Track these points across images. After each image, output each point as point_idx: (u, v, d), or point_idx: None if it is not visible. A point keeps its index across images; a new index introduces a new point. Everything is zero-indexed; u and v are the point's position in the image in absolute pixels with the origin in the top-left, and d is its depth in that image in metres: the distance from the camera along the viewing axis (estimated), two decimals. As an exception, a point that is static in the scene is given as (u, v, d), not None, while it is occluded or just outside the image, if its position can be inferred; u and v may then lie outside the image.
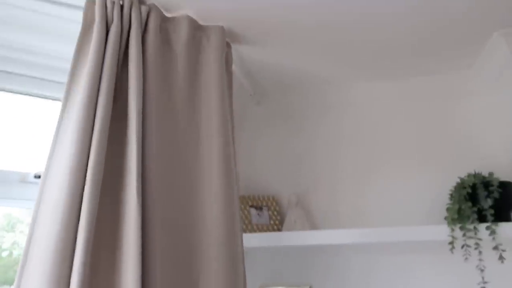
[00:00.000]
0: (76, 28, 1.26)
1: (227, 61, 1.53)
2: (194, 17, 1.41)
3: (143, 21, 1.30)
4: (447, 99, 1.91)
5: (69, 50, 1.27)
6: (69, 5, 1.30)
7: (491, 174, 1.55)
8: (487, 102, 1.82)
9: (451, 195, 1.61)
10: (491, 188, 1.48)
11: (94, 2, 1.25)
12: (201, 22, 1.44)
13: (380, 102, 2.01)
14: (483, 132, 1.81)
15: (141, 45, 1.26)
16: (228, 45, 1.55)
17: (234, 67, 1.67)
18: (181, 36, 1.38)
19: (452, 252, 1.45)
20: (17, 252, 1.47)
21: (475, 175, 1.57)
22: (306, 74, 1.91)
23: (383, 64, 1.80)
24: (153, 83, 1.27)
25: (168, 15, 1.40)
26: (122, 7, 1.27)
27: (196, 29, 1.43)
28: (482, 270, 1.45)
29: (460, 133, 1.85)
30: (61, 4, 1.29)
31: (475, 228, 1.43)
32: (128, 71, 1.23)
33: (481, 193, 1.50)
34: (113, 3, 1.25)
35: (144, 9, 1.30)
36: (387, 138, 1.95)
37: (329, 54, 1.69)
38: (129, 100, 1.20)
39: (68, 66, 1.24)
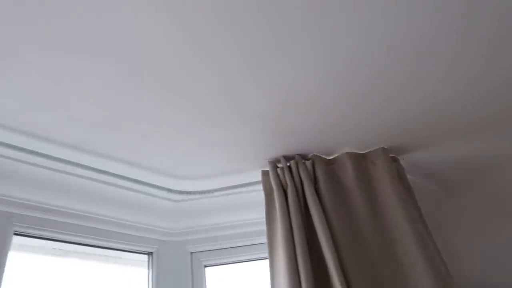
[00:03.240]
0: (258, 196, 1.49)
1: (399, 174, 1.51)
2: (354, 150, 1.48)
3: (311, 174, 1.43)
4: None
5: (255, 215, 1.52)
6: (251, 183, 1.54)
7: None
8: None
9: None
10: None
11: (268, 174, 1.45)
12: (362, 151, 1.50)
13: None
14: None
15: (315, 194, 1.37)
16: (395, 159, 1.54)
17: (410, 176, 1.61)
18: (347, 171, 1.45)
19: None
20: None
21: None
22: (492, 154, 1.70)
23: None
24: (334, 219, 1.35)
25: (330, 157, 1.50)
26: (290, 168, 1.44)
27: (359, 159, 1.48)
28: None
29: None
30: (246, 185, 1.54)
31: None
32: (312, 217, 1.35)
33: None
34: (283, 169, 1.42)
35: (309, 163, 1.44)
36: None
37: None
38: (322, 247, 1.28)
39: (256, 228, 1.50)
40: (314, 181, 1.43)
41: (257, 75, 1.05)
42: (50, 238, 1.39)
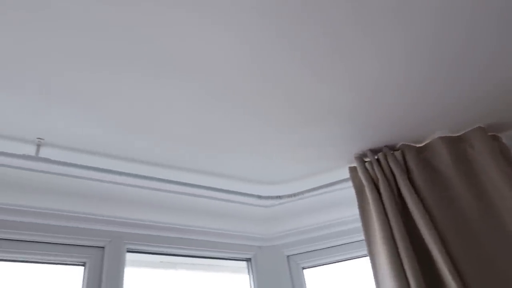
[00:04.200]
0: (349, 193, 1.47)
1: (503, 153, 1.37)
2: (447, 133, 1.39)
3: (402, 164, 1.37)
4: None
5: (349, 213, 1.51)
6: (339, 181, 1.51)
7: None
8: None
9: None
10: None
11: (356, 170, 1.42)
12: (456, 134, 1.40)
13: None
14: None
15: (410, 185, 1.31)
16: (495, 138, 1.41)
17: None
18: (443, 157, 1.36)
19: None
20: None
21: None
22: None
23: None
24: (435, 209, 1.28)
25: (420, 144, 1.42)
26: (378, 161, 1.39)
27: (454, 142, 1.39)
28: None
29: None
30: (335, 183, 1.53)
31: None
32: (409, 209, 1.29)
33: None
34: (371, 163, 1.38)
35: (398, 153, 1.38)
36: None
37: None
38: (425, 240, 1.23)
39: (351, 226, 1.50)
40: (407, 171, 1.37)
41: (335, 73, 1.04)
42: (159, 252, 1.50)
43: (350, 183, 1.46)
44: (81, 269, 1.34)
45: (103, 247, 1.37)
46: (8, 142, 1.17)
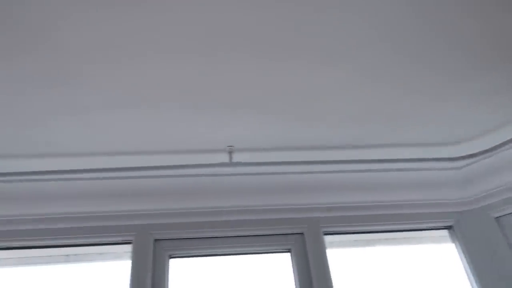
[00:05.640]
0: None
1: None
2: None
3: None
4: None
5: None
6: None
7: None
8: None
9: None
10: None
11: None
12: None
13: None
14: None
15: None
16: None
17: None
18: None
19: None
20: None
21: None
22: None
23: None
24: None
25: None
26: None
27: None
28: None
29: None
30: None
31: None
32: None
33: None
34: None
35: None
36: None
37: None
38: None
39: None
40: None
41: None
42: (355, 231, 1.52)
43: None
44: (286, 255, 1.46)
45: (302, 233, 1.46)
46: (202, 155, 1.35)
